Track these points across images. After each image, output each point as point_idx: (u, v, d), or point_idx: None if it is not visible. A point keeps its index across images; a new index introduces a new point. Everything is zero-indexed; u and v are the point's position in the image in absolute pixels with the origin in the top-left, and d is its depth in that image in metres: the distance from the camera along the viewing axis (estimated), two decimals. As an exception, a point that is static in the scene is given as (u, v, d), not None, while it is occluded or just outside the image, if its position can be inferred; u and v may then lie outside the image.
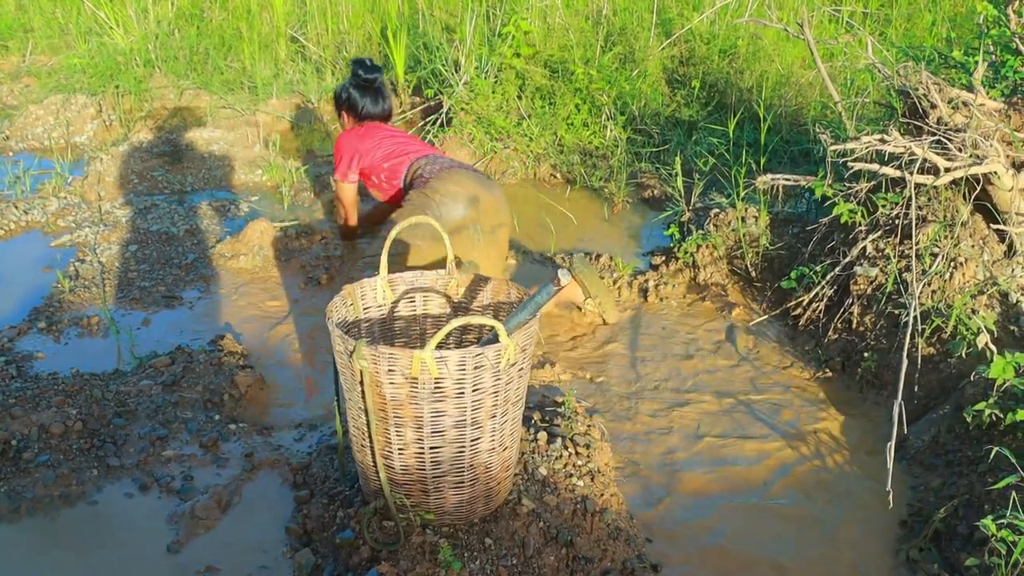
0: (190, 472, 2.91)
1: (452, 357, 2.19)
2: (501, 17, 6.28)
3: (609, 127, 5.68)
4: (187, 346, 3.58)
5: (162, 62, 7.30)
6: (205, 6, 7.99)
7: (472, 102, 5.71)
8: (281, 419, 3.23)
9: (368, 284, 2.69)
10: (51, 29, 8.57)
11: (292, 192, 5.20)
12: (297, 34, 7.45)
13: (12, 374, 3.45)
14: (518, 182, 5.49)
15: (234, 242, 4.41)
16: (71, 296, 4.11)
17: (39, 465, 2.93)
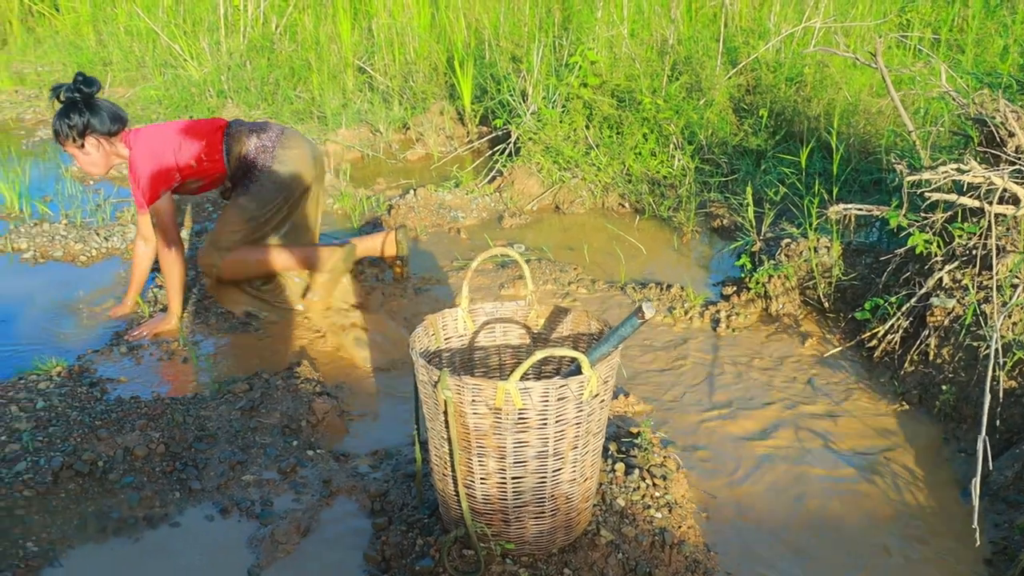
0: (269, 497, 2.95)
1: (536, 388, 2.21)
2: (568, 47, 6.33)
3: (677, 156, 5.68)
4: (264, 372, 3.64)
5: (234, 92, 7.46)
6: (275, 38, 8.14)
7: (540, 132, 5.75)
8: (357, 446, 3.26)
9: (450, 315, 2.72)
10: (128, 62, 8.80)
11: (363, 220, 5.27)
12: (364, 64, 7.56)
13: (96, 396, 3.54)
14: (586, 211, 5.51)
15: (309, 270, 4.48)
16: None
17: (124, 486, 2.99)
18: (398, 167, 6.36)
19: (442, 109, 6.94)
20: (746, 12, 7.33)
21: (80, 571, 2.68)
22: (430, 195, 5.43)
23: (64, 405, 3.47)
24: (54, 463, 3.02)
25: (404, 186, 5.89)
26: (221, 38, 8.11)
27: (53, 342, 4.15)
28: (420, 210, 5.26)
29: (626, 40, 6.35)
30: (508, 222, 5.29)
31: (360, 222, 5.26)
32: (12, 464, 3.07)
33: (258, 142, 4.09)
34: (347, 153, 6.47)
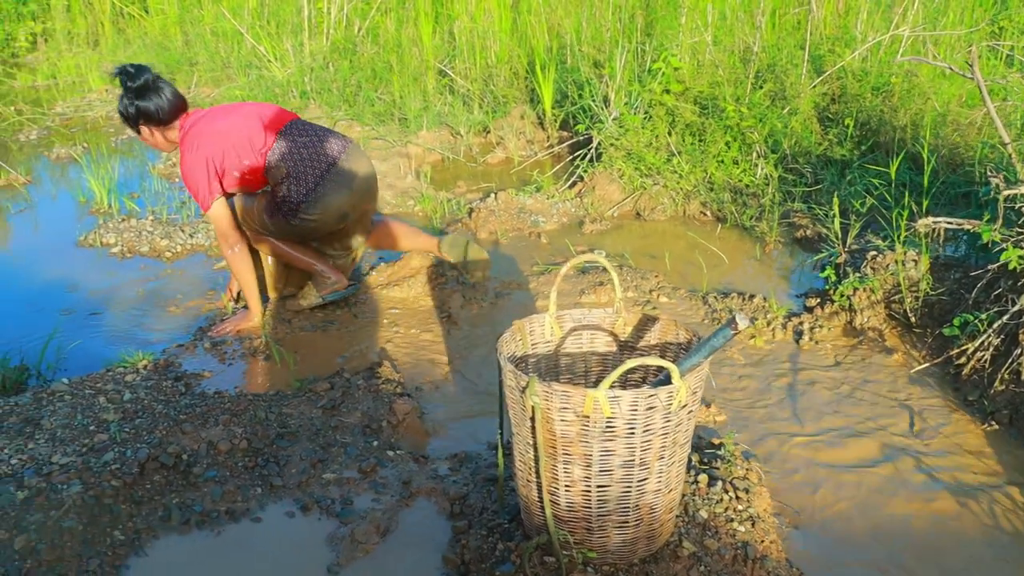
0: (349, 496, 2.97)
1: (625, 397, 2.19)
2: (650, 53, 6.29)
3: (760, 165, 5.61)
4: (346, 372, 3.67)
5: (316, 94, 7.54)
6: (358, 40, 8.22)
7: (622, 138, 5.72)
8: (437, 448, 3.26)
9: (537, 320, 2.71)
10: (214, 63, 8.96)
11: (444, 223, 5.29)
12: (445, 68, 7.60)
13: (181, 391, 3.60)
14: (667, 219, 5.47)
15: (389, 271, 4.51)
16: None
17: (207, 480, 3.04)
18: (478, 170, 6.37)
19: (523, 113, 6.94)
20: (831, 19, 7.22)
21: (164, 562, 2.73)
22: (511, 199, 5.43)
23: (150, 398, 3.54)
24: (140, 455, 3.08)
25: (484, 189, 5.90)
26: (304, 40, 8.21)
27: (139, 336, 4.23)
28: (501, 214, 5.27)
29: (710, 47, 6.29)
30: (589, 228, 5.27)
31: (441, 224, 5.28)
32: (100, 454, 3.13)
33: (285, 194, 4.04)
34: (428, 155, 6.50)
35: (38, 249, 5.41)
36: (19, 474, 3.07)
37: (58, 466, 3.08)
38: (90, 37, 11.78)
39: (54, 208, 6.33)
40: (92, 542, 2.76)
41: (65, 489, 2.94)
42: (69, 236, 5.51)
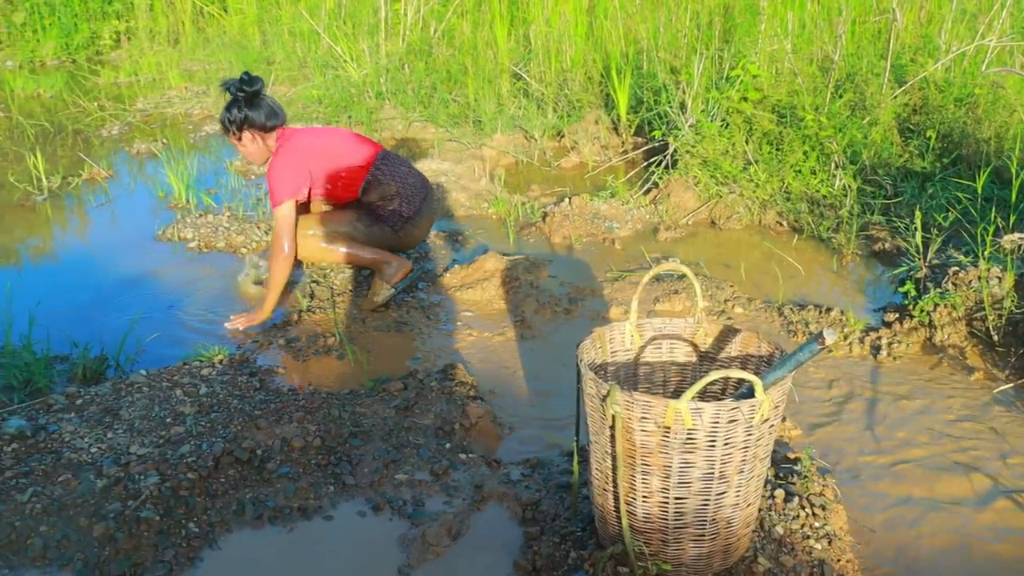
0: (421, 497, 2.97)
1: (707, 409, 2.16)
2: (728, 60, 6.23)
3: (838, 176, 5.52)
4: (419, 373, 3.68)
5: (391, 95, 7.59)
6: (433, 42, 8.25)
7: (698, 145, 5.67)
8: (509, 453, 3.25)
9: (618, 328, 2.69)
10: (291, 62, 9.06)
11: (517, 226, 5.29)
12: (520, 71, 7.60)
13: (256, 386, 3.64)
14: (743, 228, 5.40)
15: (463, 273, 4.52)
16: (307, 315, 4.30)
17: (280, 476, 3.06)
18: (552, 174, 6.36)
19: (597, 118, 6.92)
20: (913, 28, 7.09)
21: (237, 555, 2.76)
22: (585, 204, 5.41)
23: (225, 392, 3.58)
24: (216, 448, 3.12)
25: (558, 193, 5.89)
26: (380, 41, 8.26)
27: (215, 331, 4.28)
28: (575, 218, 5.24)
29: (789, 55, 6.21)
30: (663, 235, 5.23)
31: (515, 228, 5.27)
32: (177, 446, 3.18)
33: (396, 208, 4.37)
34: (501, 158, 6.50)
35: (117, 242, 5.50)
36: (98, 463, 3.13)
37: (136, 456, 3.14)
38: (171, 35, 12.00)
39: (133, 202, 6.44)
40: (168, 533, 2.80)
41: (142, 480, 2.98)
42: (148, 230, 5.60)
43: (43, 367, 3.81)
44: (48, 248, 5.60)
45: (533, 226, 5.33)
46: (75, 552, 2.73)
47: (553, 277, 4.58)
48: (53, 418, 3.46)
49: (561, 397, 3.57)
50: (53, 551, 2.75)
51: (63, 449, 3.24)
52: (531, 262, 4.61)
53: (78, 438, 3.30)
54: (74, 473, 3.08)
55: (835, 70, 6.08)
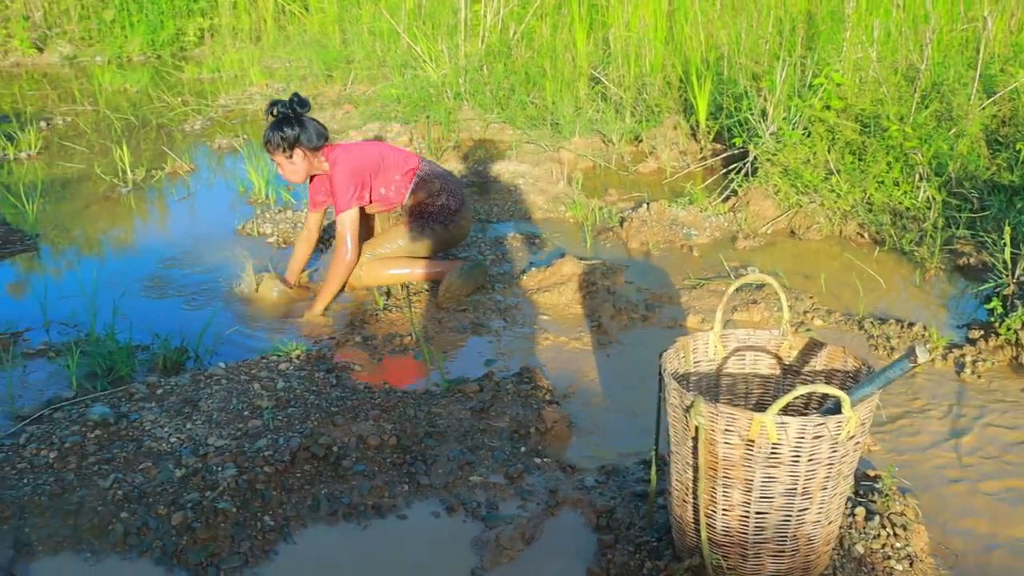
0: (495, 500, 2.96)
1: (793, 424, 2.12)
2: (812, 68, 6.14)
3: (922, 188, 5.41)
4: (495, 375, 3.68)
5: (470, 95, 7.62)
6: (513, 44, 8.26)
7: (779, 153, 5.59)
8: (584, 459, 3.23)
9: (701, 338, 2.66)
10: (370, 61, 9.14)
11: (594, 231, 5.27)
12: (599, 74, 7.57)
13: (332, 383, 3.67)
14: (822, 238, 5.32)
15: (540, 276, 4.51)
16: (384, 314, 4.33)
17: (356, 474, 3.08)
18: (629, 179, 6.33)
19: (676, 124, 6.87)
20: (1002, 37, 6.92)
21: (311, 550, 2.77)
22: (663, 210, 5.37)
23: (302, 388, 3.61)
24: (292, 443, 3.14)
25: (635, 199, 5.85)
26: (460, 42, 8.29)
27: (292, 326, 4.33)
28: (653, 224, 5.21)
29: (874, 63, 6.10)
30: (741, 243, 5.17)
31: (592, 232, 5.25)
32: (254, 439, 3.21)
33: (444, 203, 4.66)
34: (579, 162, 6.48)
35: (198, 235, 5.59)
36: (177, 453, 3.18)
37: (214, 448, 3.18)
38: (253, 33, 12.18)
39: (214, 196, 6.55)
40: (244, 525, 2.83)
41: (220, 471, 3.02)
42: (228, 224, 5.69)
43: (125, 356, 3.88)
44: (131, 239, 5.71)
45: (610, 231, 5.31)
46: (154, 539, 2.78)
47: (630, 283, 4.55)
48: (134, 406, 3.52)
49: (637, 404, 3.54)
50: (133, 537, 2.80)
51: (144, 437, 3.30)
52: (608, 267, 4.58)
53: (158, 427, 3.36)
54: (154, 462, 3.14)
55: (921, 79, 5.96)
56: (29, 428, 3.43)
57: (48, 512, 2.92)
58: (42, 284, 4.92)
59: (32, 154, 7.69)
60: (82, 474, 3.10)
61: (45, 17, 12.75)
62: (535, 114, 7.28)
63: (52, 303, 4.58)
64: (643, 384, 3.66)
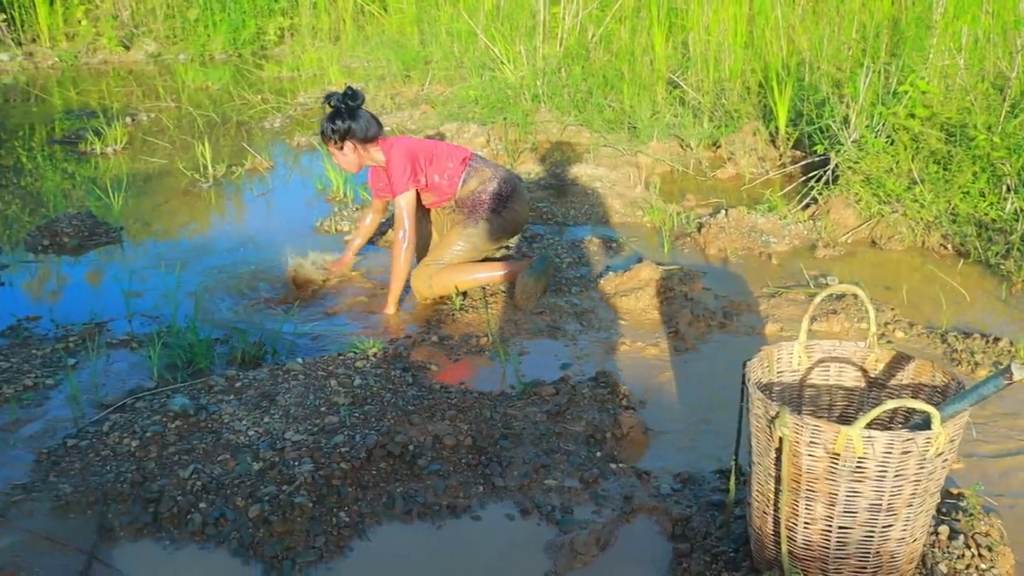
0: (570, 504, 2.95)
1: (880, 438, 2.08)
2: (896, 74, 6.03)
3: (1010, 199, 5.27)
4: (571, 378, 3.67)
5: (547, 97, 7.61)
6: (591, 47, 8.24)
7: (861, 161, 5.50)
8: (660, 465, 3.19)
9: (786, 348, 2.63)
10: (448, 62, 9.18)
11: (672, 236, 5.23)
12: (677, 79, 7.51)
13: (408, 382, 3.69)
14: (904, 249, 5.21)
15: (617, 280, 4.49)
16: (460, 314, 4.34)
17: (431, 473, 3.09)
18: (707, 184, 6.27)
19: (755, 130, 6.79)
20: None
21: (385, 547, 2.79)
22: (742, 217, 5.31)
23: (379, 386, 3.63)
24: (368, 440, 3.16)
25: (713, 204, 5.80)
26: (538, 44, 8.30)
27: (369, 323, 4.36)
28: (731, 231, 5.15)
29: (961, 71, 5.97)
30: (821, 252, 5.09)
31: (670, 237, 5.21)
32: (331, 435, 3.24)
33: (496, 189, 4.62)
34: (656, 166, 6.45)
35: (277, 231, 5.66)
36: (255, 446, 3.22)
37: (291, 442, 3.21)
38: (332, 33, 12.32)
39: (292, 193, 6.64)
40: (319, 520, 2.85)
41: (297, 466, 3.05)
42: (306, 221, 5.75)
43: (205, 349, 3.94)
44: (211, 234, 5.80)
45: (688, 236, 5.26)
46: (231, 530, 2.82)
47: (707, 290, 4.51)
48: (213, 399, 3.58)
49: (714, 412, 3.50)
50: (211, 528, 2.84)
51: (222, 430, 3.34)
52: (686, 273, 4.53)
53: (236, 420, 3.41)
54: (232, 454, 3.18)
55: (1011, 88, 5.82)
56: (112, 416, 3.50)
57: (130, 499, 2.98)
58: (125, 275, 5.03)
59: (117, 149, 7.87)
60: (162, 463, 3.16)
61: (132, 16, 13.05)
62: (612, 117, 7.25)
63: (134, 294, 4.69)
64: (720, 392, 3.62)
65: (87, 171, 7.32)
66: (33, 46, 12.48)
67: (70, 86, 11.11)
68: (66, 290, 4.94)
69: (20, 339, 4.26)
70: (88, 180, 6.97)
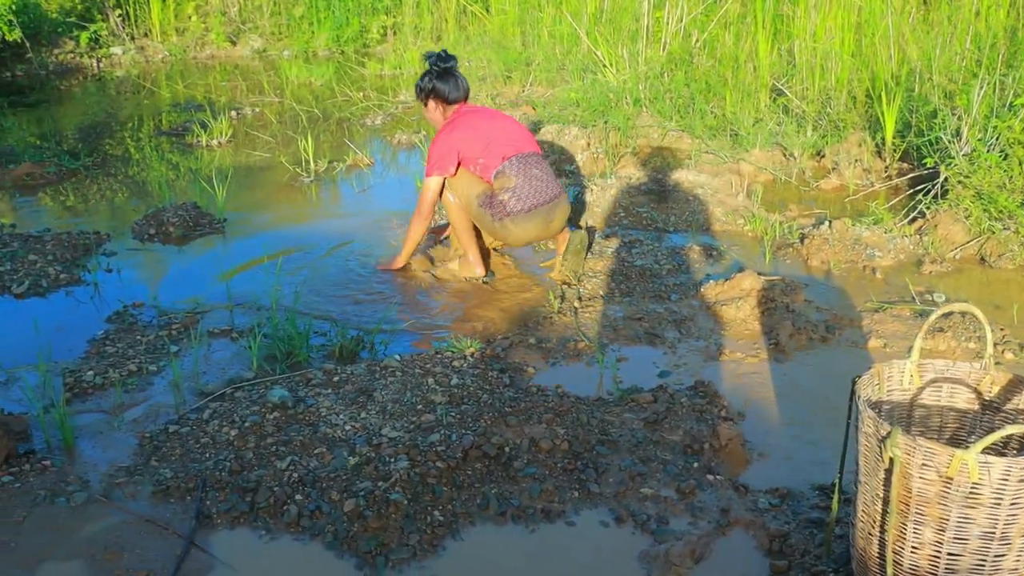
0: (665, 515, 2.91)
1: (997, 464, 2.01)
2: (1013, 87, 5.85)
3: None
4: (669, 386, 3.63)
5: (649, 102, 7.56)
6: (694, 52, 8.16)
7: (972, 176, 5.34)
8: (759, 480, 3.13)
9: (897, 366, 2.56)
10: (550, 64, 9.18)
11: (773, 246, 5.14)
12: (781, 86, 7.40)
13: (506, 383, 3.69)
14: (1016, 267, 5.04)
15: (718, 289, 4.43)
16: (558, 317, 4.33)
17: (526, 476, 3.08)
18: (810, 194, 6.15)
19: (860, 140, 6.64)
20: None
21: (478, 548, 2.79)
22: (846, 229, 5.19)
23: (476, 386, 3.64)
24: (465, 441, 3.17)
25: (816, 215, 5.68)
26: (641, 47, 8.24)
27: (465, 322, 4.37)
28: (835, 243, 5.04)
29: (1082, 85, 5.76)
30: (927, 268, 4.95)
31: (772, 247, 5.13)
32: (427, 433, 3.26)
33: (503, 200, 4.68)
34: (758, 174, 6.35)
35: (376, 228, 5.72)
36: (352, 440, 3.25)
37: (387, 439, 3.24)
38: (434, 32, 12.41)
39: (392, 190, 6.69)
40: (414, 517, 2.86)
41: (393, 462, 3.07)
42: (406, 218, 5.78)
43: (303, 342, 3.99)
44: (312, 228, 5.87)
45: (790, 247, 5.16)
46: (326, 524, 2.85)
47: (809, 302, 4.41)
48: (311, 392, 3.63)
49: (814, 427, 3.43)
50: (306, 520, 2.88)
51: (319, 423, 3.39)
52: (788, 284, 4.44)
53: (334, 414, 3.45)
54: (329, 447, 3.22)
55: None
56: (212, 404, 3.58)
57: (228, 487, 3.04)
58: (227, 266, 5.14)
59: (222, 142, 8.04)
60: (260, 453, 3.21)
61: (240, 12, 13.34)
62: (714, 124, 7.17)
63: (235, 285, 4.78)
64: (820, 407, 3.55)
65: (192, 163, 7.50)
66: (145, 40, 12.82)
67: (178, 79, 11.39)
68: (170, 278, 5.05)
69: (126, 325, 4.37)
70: (193, 172, 7.14)
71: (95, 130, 8.75)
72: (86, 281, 4.97)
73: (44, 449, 3.33)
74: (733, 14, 8.36)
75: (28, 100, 10.27)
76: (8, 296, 4.78)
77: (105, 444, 3.38)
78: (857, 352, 4.03)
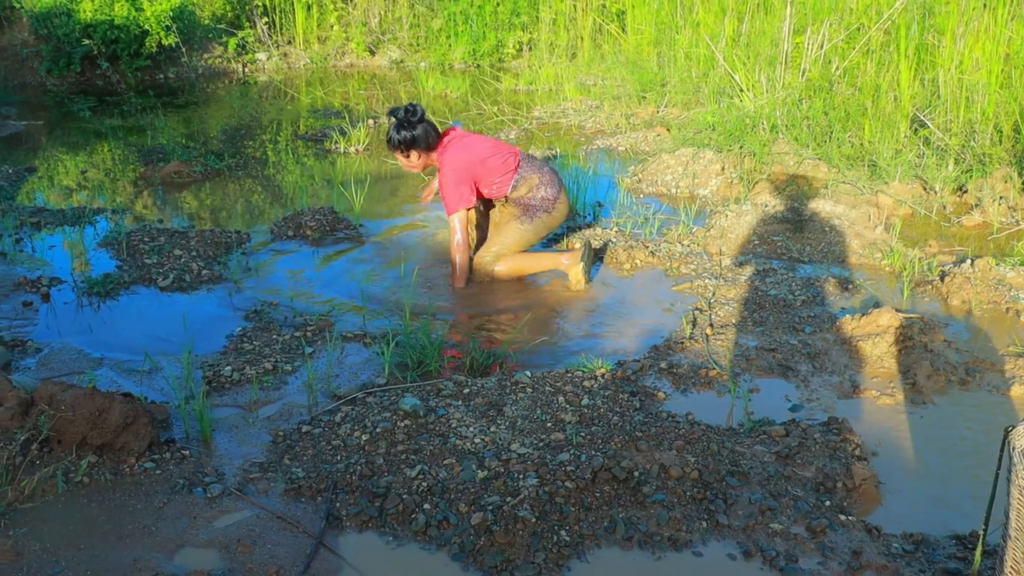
0: (794, 552, 2.87)
1: None
2: None
3: None
4: (802, 421, 3.58)
5: (786, 128, 7.46)
6: (834, 79, 8.02)
7: None
8: (892, 523, 3.05)
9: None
10: (685, 86, 9.14)
11: (912, 283, 5.02)
12: (924, 117, 7.21)
13: (636, 406, 3.68)
14: None
15: (854, 324, 4.34)
16: (689, 343, 4.31)
17: (655, 502, 3.07)
18: (951, 231, 5.98)
19: (1006, 176, 6.42)
20: None
21: (603, 571, 2.80)
22: (989, 268, 5.02)
23: (606, 407, 3.65)
24: (595, 462, 3.18)
25: (957, 253, 5.52)
26: (779, 73, 8.14)
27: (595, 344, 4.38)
28: (977, 283, 4.88)
29: None
30: (1076, 314, 4.77)
31: (910, 284, 5.00)
32: (556, 452, 3.28)
33: (544, 194, 5.14)
34: (897, 207, 6.20)
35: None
36: (481, 454, 3.30)
37: (516, 455, 3.27)
38: (569, 49, 12.46)
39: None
40: (540, 536, 2.89)
41: (521, 479, 3.11)
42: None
43: (435, 352, 4.06)
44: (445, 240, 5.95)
45: (929, 284, 5.03)
46: (453, 535, 2.89)
47: (949, 343, 4.29)
48: (442, 402, 3.69)
49: (951, 474, 3.34)
50: (434, 529, 2.93)
51: (449, 434, 3.44)
52: (927, 323, 4.32)
53: (464, 426, 3.50)
54: (458, 459, 3.27)
55: None
56: (344, 408, 3.68)
57: (357, 491, 3.11)
58: (362, 272, 5.25)
59: (359, 149, 8.24)
60: (390, 460, 3.28)
61: (380, 24, 13.63)
62: (852, 153, 7.03)
63: (370, 290, 4.89)
64: (959, 453, 3.46)
65: (329, 168, 7.69)
66: (288, 47, 13.22)
67: (318, 86, 11.70)
68: (306, 280, 5.20)
69: (263, 323, 4.52)
70: (329, 177, 7.32)
71: (238, 132, 9.06)
72: (226, 278, 5.16)
73: (183, 439, 3.48)
74: (875, 42, 8.18)
75: (178, 101, 10.70)
76: (154, 288, 4.99)
77: (240, 439, 3.50)
78: (999, 398, 3.91)
